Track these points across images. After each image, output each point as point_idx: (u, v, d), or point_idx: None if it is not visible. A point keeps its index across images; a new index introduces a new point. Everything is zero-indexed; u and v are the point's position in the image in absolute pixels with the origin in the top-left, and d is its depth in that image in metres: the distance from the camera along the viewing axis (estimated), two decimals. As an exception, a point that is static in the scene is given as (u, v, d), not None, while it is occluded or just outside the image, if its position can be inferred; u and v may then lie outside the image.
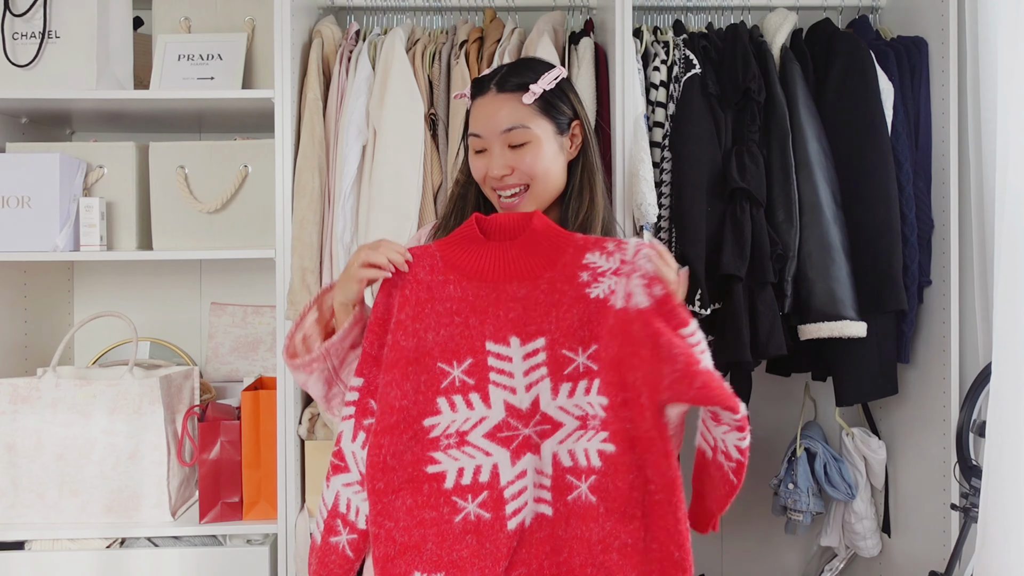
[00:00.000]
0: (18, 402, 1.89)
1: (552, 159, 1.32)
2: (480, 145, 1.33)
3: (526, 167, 1.30)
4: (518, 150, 1.30)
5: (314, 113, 1.94)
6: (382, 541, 1.20)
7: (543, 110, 1.32)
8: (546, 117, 1.32)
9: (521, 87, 1.31)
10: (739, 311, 1.87)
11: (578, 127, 1.36)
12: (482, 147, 1.33)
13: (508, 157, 1.30)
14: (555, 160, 1.33)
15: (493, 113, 1.31)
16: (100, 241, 1.99)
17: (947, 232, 1.96)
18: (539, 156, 1.30)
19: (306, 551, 1.89)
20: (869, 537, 2.19)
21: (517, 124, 1.30)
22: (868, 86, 1.96)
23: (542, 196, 1.33)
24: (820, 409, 2.34)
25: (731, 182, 1.90)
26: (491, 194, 1.35)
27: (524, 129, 1.30)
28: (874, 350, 1.96)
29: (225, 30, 2.13)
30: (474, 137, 1.34)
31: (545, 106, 1.32)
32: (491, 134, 1.31)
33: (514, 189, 1.31)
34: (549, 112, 1.32)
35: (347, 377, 1.30)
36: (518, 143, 1.30)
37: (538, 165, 1.30)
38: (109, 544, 1.92)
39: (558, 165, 1.34)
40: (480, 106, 1.34)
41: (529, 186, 1.31)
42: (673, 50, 2.02)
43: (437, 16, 2.26)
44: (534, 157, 1.30)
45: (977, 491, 1.74)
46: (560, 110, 1.34)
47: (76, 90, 1.98)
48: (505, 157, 1.30)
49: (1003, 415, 1.47)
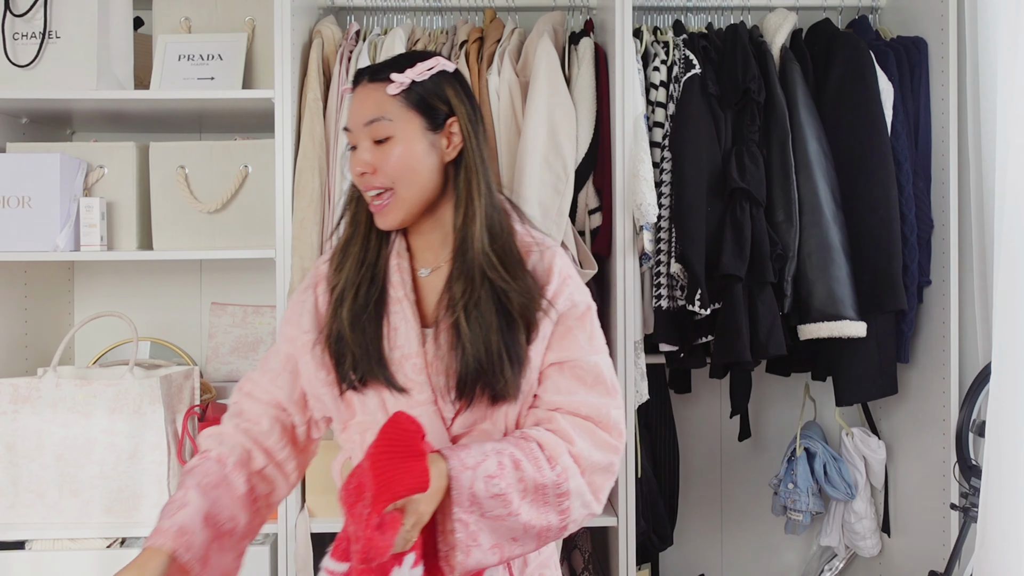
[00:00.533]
0: (18, 402, 1.89)
1: (419, 158, 1.19)
2: (351, 140, 1.23)
3: (389, 166, 1.18)
4: (382, 146, 1.19)
5: (314, 113, 1.94)
6: None
7: (413, 103, 1.19)
8: (415, 111, 1.19)
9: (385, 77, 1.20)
10: (739, 311, 1.87)
11: (456, 124, 1.22)
12: (352, 142, 1.23)
13: (371, 153, 1.19)
14: (423, 160, 1.19)
15: (361, 103, 1.21)
16: (100, 241, 1.99)
17: (947, 232, 1.96)
18: (402, 155, 1.18)
19: (306, 551, 1.89)
20: (869, 537, 2.19)
21: (379, 116, 1.18)
22: (868, 86, 1.96)
23: (408, 201, 1.20)
24: (820, 409, 2.34)
25: (731, 182, 1.90)
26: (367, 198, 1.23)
27: (386, 122, 1.18)
28: (874, 350, 1.96)
29: (225, 30, 2.13)
30: (346, 131, 1.24)
31: (416, 99, 1.20)
32: (356, 127, 1.21)
33: (377, 190, 1.20)
34: (419, 106, 1.20)
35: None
36: (380, 137, 1.19)
37: (398, 164, 1.18)
38: (109, 544, 1.92)
39: (427, 166, 1.20)
40: (354, 97, 1.23)
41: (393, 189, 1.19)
42: (673, 50, 2.02)
43: (437, 16, 2.26)
44: (396, 155, 1.18)
45: (976, 491, 1.74)
46: (433, 105, 1.21)
47: (76, 90, 1.98)
48: (368, 153, 1.19)
49: (1003, 415, 1.47)
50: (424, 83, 1.20)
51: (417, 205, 1.21)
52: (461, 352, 1.16)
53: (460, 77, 1.26)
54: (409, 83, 1.19)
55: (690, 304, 1.91)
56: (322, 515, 1.95)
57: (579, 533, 2.14)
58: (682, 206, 1.93)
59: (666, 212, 1.96)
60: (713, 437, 2.42)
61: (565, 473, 1.12)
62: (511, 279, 1.18)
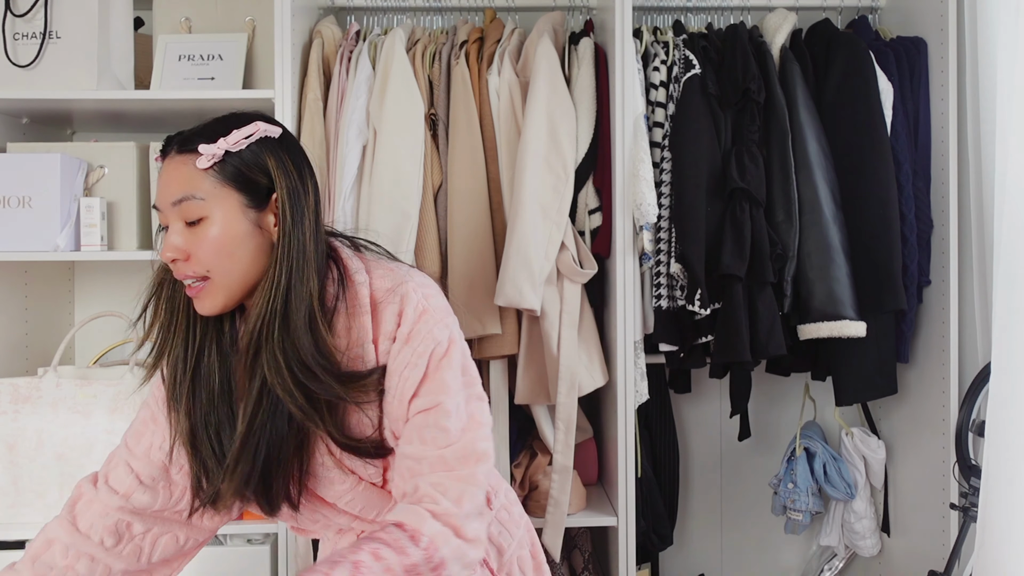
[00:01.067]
0: (19, 402, 1.90)
1: (239, 241, 1.05)
2: (161, 220, 1.08)
3: (202, 251, 1.04)
4: (194, 228, 1.04)
5: (314, 113, 1.94)
6: None
7: (228, 178, 1.05)
8: (231, 187, 1.05)
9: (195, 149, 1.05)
10: (739, 311, 1.87)
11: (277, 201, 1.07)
12: (163, 223, 1.08)
13: (182, 237, 1.05)
14: (244, 242, 1.05)
15: (168, 179, 1.06)
16: (101, 241, 1.99)
17: (946, 232, 1.96)
18: (216, 240, 1.04)
19: (306, 551, 1.89)
20: (868, 536, 2.19)
21: (188, 195, 1.04)
22: (868, 86, 1.96)
23: (228, 289, 1.06)
24: (820, 409, 2.34)
25: (731, 182, 1.90)
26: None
27: (198, 201, 1.04)
28: (873, 350, 1.96)
29: (225, 30, 2.13)
30: (155, 209, 1.08)
31: (231, 173, 1.05)
32: (165, 206, 1.06)
33: (191, 280, 1.06)
34: (236, 180, 1.06)
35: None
36: (193, 219, 1.04)
37: (216, 250, 1.04)
38: (110, 544, 1.92)
39: (247, 249, 1.06)
40: (162, 170, 1.09)
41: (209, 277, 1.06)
42: (673, 50, 2.02)
43: (437, 16, 2.26)
44: (210, 241, 1.04)
45: (976, 491, 1.74)
46: (253, 178, 1.07)
47: (77, 90, 1.98)
48: (178, 237, 1.05)
49: (1002, 415, 1.47)
50: (241, 153, 1.06)
51: (239, 290, 1.07)
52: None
53: (287, 142, 1.12)
54: (223, 154, 1.05)
55: (690, 304, 1.91)
56: (322, 515, 1.95)
57: (579, 533, 2.14)
58: (682, 206, 1.93)
59: (666, 212, 1.96)
60: (713, 437, 2.42)
61: (433, 544, 1.01)
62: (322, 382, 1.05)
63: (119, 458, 1.21)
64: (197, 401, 1.11)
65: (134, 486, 1.18)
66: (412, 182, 1.90)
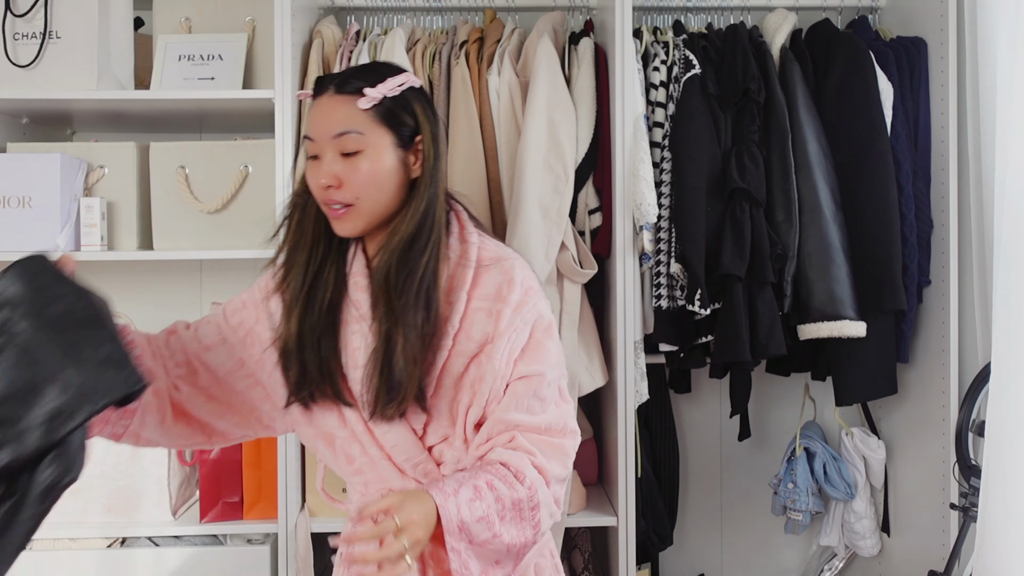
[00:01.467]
0: (19, 402, 1.90)
1: (386, 176, 1.18)
2: (312, 150, 1.20)
3: (356, 181, 1.16)
4: (350, 159, 1.17)
5: (314, 113, 1.94)
6: None
7: (383, 118, 1.18)
8: (385, 126, 1.18)
9: (359, 90, 1.18)
10: (739, 311, 1.87)
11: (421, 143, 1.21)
12: (314, 152, 1.20)
13: (339, 166, 1.17)
14: (391, 176, 1.19)
15: (328, 114, 1.18)
16: (101, 241, 1.99)
17: (946, 232, 1.96)
18: (368, 170, 1.17)
19: (306, 551, 1.90)
20: (868, 537, 2.19)
21: (349, 129, 1.16)
22: (868, 86, 1.96)
23: (370, 215, 1.19)
24: (820, 409, 2.34)
25: (731, 182, 1.90)
26: (324, 209, 1.21)
27: (357, 135, 1.16)
28: (873, 350, 1.96)
29: (225, 30, 2.13)
30: (307, 140, 1.21)
31: (386, 114, 1.18)
32: (322, 138, 1.18)
33: (338, 205, 1.18)
34: (389, 121, 1.19)
35: None
36: (351, 151, 1.17)
37: (367, 179, 1.17)
38: (110, 543, 1.92)
39: (394, 182, 1.19)
40: (317, 106, 1.21)
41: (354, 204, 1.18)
42: (673, 50, 2.02)
43: (437, 16, 2.26)
44: (365, 170, 1.16)
45: (976, 491, 1.74)
46: (403, 121, 1.20)
47: (77, 90, 1.98)
48: (336, 165, 1.17)
49: (1002, 415, 1.47)
50: (395, 98, 1.19)
51: (377, 218, 1.20)
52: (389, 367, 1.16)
53: (426, 94, 1.26)
54: (380, 98, 1.17)
55: (690, 304, 1.91)
56: (322, 515, 1.95)
57: (579, 532, 2.14)
58: (682, 206, 1.93)
59: (666, 212, 1.96)
60: (713, 437, 2.42)
61: (534, 486, 1.14)
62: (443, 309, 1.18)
63: (213, 319, 1.32)
64: (309, 310, 1.22)
65: (217, 344, 1.29)
66: (412, 182, 1.90)
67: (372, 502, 1.09)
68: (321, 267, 1.24)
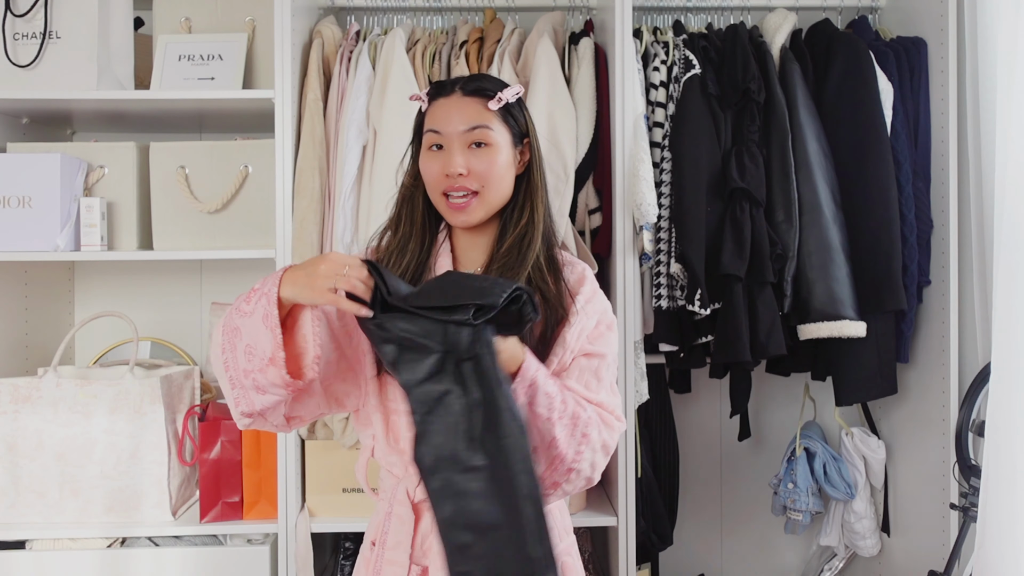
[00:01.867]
0: (19, 402, 1.90)
1: (506, 168, 1.32)
2: (438, 141, 1.32)
3: (483, 170, 1.29)
4: (477, 151, 1.30)
5: (314, 113, 1.94)
6: None
7: (504, 118, 1.33)
8: (505, 125, 1.33)
9: (486, 93, 1.32)
10: (739, 311, 1.87)
11: (527, 145, 1.36)
12: (440, 143, 1.32)
13: (467, 157, 1.30)
14: (508, 170, 1.32)
15: (457, 112, 1.31)
16: (101, 241, 1.99)
17: (946, 232, 1.96)
18: (496, 160, 1.30)
19: (306, 551, 1.90)
20: (868, 536, 2.19)
21: (481, 124, 1.30)
22: (868, 86, 1.96)
23: (491, 203, 1.31)
24: (820, 409, 2.34)
25: (731, 182, 1.90)
26: (439, 198, 1.32)
27: (487, 130, 1.30)
28: (873, 350, 1.96)
29: (225, 30, 2.13)
30: (432, 133, 1.32)
31: (506, 115, 1.33)
32: (452, 132, 1.30)
33: (464, 192, 1.30)
34: (508, 121, 1.33)
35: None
36: (480, 142, 1.30)
37: (494, 169, 1.30)
38: (110, 544, 1.92)
39: (509, 176, 1.33)
40: (443, 105, 1.33)
41: (479, 192, 1.30)
42: (673, 50, 2.02)
43: (437, 16, 2.26)
44: (491, 161, 1.30)
45: (976, 491, 1.74)
46: (518, 123, 1.35)
47: (77, 90, 1.98)
48: (464, 155, 1.30)
49: (1002, 415, 1.47)
50: (514, 104, 1.35)
51: (493, 209, 1.32)
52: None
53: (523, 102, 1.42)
54: (506, 101, 1.32)
55: (690, 304, 1.91)
56: (322, 515, 1.95)
57: (579, 532, 2.14)
58: (682, 206, 1.93)
59: (666, 212, 1.96)
60: (713, 437, 2.42)
61: (590, 420, 1.22)
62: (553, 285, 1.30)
63: None
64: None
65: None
66: (412, 182, 1.91)
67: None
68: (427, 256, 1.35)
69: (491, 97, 1.32)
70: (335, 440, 1.94)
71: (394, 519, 1.29)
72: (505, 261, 1.30)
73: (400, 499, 1.30)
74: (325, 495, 1.95)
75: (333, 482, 1.95)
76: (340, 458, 1.95)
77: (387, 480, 1.34)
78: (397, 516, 1.29)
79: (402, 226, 1.36)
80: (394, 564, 1.27)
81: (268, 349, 1.16)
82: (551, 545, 1.08)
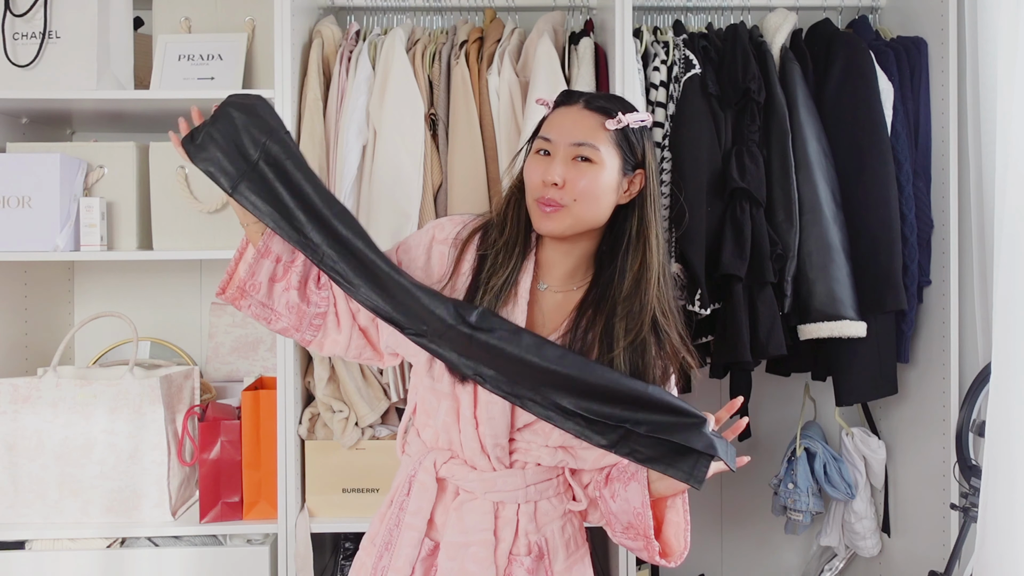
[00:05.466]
0: (18, 402, 1.90)
1: (605, 190, 1.30)
2: (546, 147, 1.31)
3: (580, 184, 1.28)
4: (580, 165, 1.29)
5: (314, 113, 1.94)
6: None
7: (617, 142, 1.31)
8: (617, 150, 1.31)
9: (607, 111, 1.31)
10: (739, 311, 1.87)
11: (640, 177, 1.34)
12: (547, 149, 1.31)
13: (567, 168, 1.28)
14: (607, 193, 1.30)
15: (573, 123, 1.31)
16: (100, 241, 1.99)
17: (947, 232, 1.96)
18: (597, 179, 1.28)
19: (306, 551, 1.89)
20: (869, 537, 2.19)
21: (591, 142, 1.29)
22: (868, 86, 1.96)
23: (579, 218, 1.30)
24: (820, 409, 2.34)
25: (731, 182, 1.90)
26: (532, 203, 1.32)
27: (593, 148, 1.29)
28: (874, 350, 1.96)
29: (225, 30, 2.13)
30: (542, 139, 1.32)
31: (621, 139, 1.31)
32: (561, 141, 1.30)
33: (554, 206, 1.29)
34: (622, 146, 1.31)
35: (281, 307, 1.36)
36: (583, 157, 1.29)
37: (591, 187, 1.28)
38: (109, 544, 1.92)
39: (608, 200, 1.31)
40: (562, 114, 1.33)
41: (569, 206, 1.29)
42: (673, 50, 2.02)
43: (437, 16, 2.26)
44: (592, 178, 1.28)
45: (976, 491, 1.74)
46: (633, 151, 1.33)
47: (76, 90, 1.98)
48: (565, 166, 1.29)
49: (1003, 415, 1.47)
50: (634, 131, 1.33)
51: (581, 226, 1.31)
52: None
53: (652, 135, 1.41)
54: (626, 125, 1.31)
55: (690, 304, 1.91)
56: (322, 515, 1.95)
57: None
58: (682, 206, 1.93)
59: (666, 212, 1.96)
60: (713, 437, 2.41)
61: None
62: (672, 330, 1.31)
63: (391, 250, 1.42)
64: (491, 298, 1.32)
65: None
66: (412, 182, 1.90)
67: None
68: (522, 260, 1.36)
69: (611, 116, 1.30)
70: (335, 440, 1.94)
71: (416, 484, 1.35)
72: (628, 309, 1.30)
73: (426, 467, 1.36)
74: (325, 495, 1.95)
75: (333, 482, 1.95)
76: (340, 458, 1.95)
77: (415, 444, 1.41)
78: (420, 482, 1.35)
79: (508, 228, 1.36)
80: (412, 529, 1.34)
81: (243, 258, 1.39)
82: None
